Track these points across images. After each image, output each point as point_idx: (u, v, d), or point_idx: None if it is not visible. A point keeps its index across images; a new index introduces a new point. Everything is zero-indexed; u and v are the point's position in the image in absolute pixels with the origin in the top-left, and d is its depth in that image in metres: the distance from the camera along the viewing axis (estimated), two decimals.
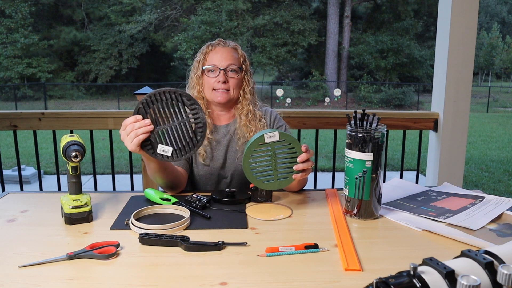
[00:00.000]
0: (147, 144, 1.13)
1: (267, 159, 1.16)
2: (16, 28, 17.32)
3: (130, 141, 1.11)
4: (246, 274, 0.85)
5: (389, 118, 2.54)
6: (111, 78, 19.07)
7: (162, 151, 1.14)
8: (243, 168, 1.15)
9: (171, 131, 1.14)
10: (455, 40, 2.46)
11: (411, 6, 19.42)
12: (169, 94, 1.12)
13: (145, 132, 1.10)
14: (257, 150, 1.15)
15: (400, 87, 17.07)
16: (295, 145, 1.16)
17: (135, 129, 1.10)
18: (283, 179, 1.17)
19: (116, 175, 2.72)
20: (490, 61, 25.95)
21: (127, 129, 1.11)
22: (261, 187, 1.17)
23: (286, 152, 1.16)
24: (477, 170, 6.15)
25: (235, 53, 1.50)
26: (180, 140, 1.14)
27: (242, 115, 1.52)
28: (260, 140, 1.14)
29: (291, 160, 1.16)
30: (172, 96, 1.13)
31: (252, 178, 1.16)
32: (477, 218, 1.12)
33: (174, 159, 1.15)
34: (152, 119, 1.12)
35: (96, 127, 2.44)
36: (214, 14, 17.19)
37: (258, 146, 1.15)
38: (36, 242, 0.99)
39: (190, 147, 1.15)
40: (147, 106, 1.12)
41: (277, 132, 1.14)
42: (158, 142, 1.14)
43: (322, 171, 5.63)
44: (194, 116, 1.14)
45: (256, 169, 1.16)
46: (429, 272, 0.58)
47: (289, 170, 1.16)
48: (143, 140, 1.11)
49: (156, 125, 1.13)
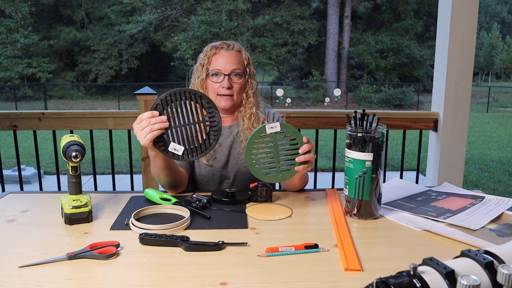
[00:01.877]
0: (159, 140, 1.14)
1: (269, 151, 1.16)
2: (16, 28, 17.32)
3: (144, 136, 1.11)
4: (246, 274, 0.85)
5: (389, 118, 2.54)
6: (111, 78, 19.07)
7: (174, 149, 1.14)
8: (246, 160, 1.15)
9: (185, 131, 1.14)
10: (455, 40, 2.46)
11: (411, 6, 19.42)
12: (189, 94, 1.13)
13: (160, 128, 1.11)
14: (259, 141, 1.15)
15: (400, 87, 17.07)
16: (296, 136, 1.16)
17: (151, 124, 1.11)
18: (286, 171, 1.17)
19: (116, 175, 2.72)
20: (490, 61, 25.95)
21: (142, 124, 1.12)
22: (263, 179, 1.17)
23: (288, 144, 1.16)
24: (477, 170, 6.15)
25: (239, 57, 1.49)
26: (193, 141, 1.15)
27: (245, 118, 1.52)
28: (262, 131, 1.14)
29: (293, 152, 1.16)
30: (191, 97, 1.13)
31: (255, 171, 1.16)
32: (477, 218, 1.12)
33: (184, 158, 1.15)
34: (168, 117, 1.12)
35: (96, 127, 2.44)
36: (214, 14, 17.19)
37: (260, 137, 1.15)
38: (36, 242, 0.99)
39: (202, 149, 1.15)
40: (165, 104, 1.12)
41: (278, 123, 1.14)
42: (171, 140, 1.14)
43: (322, 171, 5.63)
44: (211, 119, 1.15)
45: (258, 161, 1.16)
46: (429, 272, 0.58)
47: (291, 162, 1.17)
48: (157, 136, 1.12)
49: (171, 123, 1.13)
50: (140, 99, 2.35)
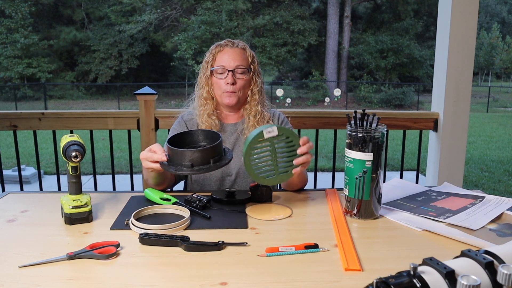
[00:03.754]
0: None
1: (267, 155, 1.15)
2: (16, 28, 17.31)
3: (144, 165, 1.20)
4: (246, 274, 0.85)
5: (389, 118, 2.54)
6: (111, 78, 19.06)
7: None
8: (245, 165, 1.15)
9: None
10: (455, 40, 2.46)
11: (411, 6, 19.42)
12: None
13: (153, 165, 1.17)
14: (257, 146, 1.15)
15: (400, 87, 17.06)
16: (293, 138, 1.16)
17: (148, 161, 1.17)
18: (284, 173, 1.17)
19: (116, 175, 2.72)
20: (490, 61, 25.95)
21: (149, 157, 1.16)
22: (263, 183, 1.17)
23: (285, 146, 1.16)
24: (477, 170, 6.15)
25: (244, 54, 1.51)
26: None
27: (250, 115, 1.53)
28: (260, 136, 1.14)
29: (291, 154, 1.16)
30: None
31: (254, 175, 1.16)
32: (477, 218, 1.12)
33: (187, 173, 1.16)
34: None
35: (96, 127, 2.44)
36: (214, 14, 17.18)
37: (258, 142, 1.15)
38: (36, 242, 0.99)
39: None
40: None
41: (275, 127, 1.14)
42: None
43: (322, 171, 5.63)
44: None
45: (258, 165, 1.16)
46: (429, 272, 0.58)
47: (289, 164, 1.17)
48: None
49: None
50: (140, 99, 2.35)
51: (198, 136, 1.26)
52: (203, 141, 1.25)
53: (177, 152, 1.10)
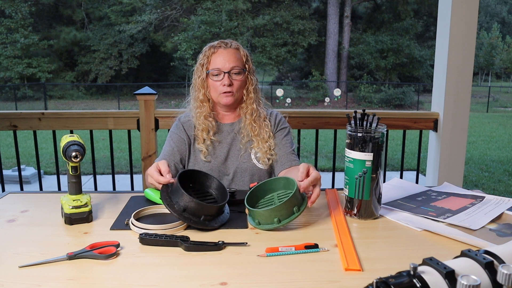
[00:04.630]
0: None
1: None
2: (16, 28, 17.31)
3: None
4: (246, 274, 0.85)
5: (389, 118, 2.54)
6: (111, 78, 19.06)
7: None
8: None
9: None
10: (455, 40, 2.46)
11: (411, 6, 19.42)
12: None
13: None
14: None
15: (400, 87, 17.06)
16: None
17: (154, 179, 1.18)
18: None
19: (116, 175, 2.72)
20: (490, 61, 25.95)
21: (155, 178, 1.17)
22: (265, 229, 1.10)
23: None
24: (477, 170, 6.15)
25: (238, 54, 1.51)
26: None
27: (247, 114, 1.54)
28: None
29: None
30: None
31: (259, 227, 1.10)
32: (477, 218, 1.12)
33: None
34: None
35: (96, 127, 2.44)
36: (214, 14, 17.18)
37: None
38: (36, 242, 0.99)
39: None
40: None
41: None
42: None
43: (322, 171, 5.63)
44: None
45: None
46: (429, 272, 0.58)
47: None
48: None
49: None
50: (140, 99, 2.35)
51: (212, 182, 1.24)
52: (214, 190, 1.23)
53: (178, 190, 1.07)
